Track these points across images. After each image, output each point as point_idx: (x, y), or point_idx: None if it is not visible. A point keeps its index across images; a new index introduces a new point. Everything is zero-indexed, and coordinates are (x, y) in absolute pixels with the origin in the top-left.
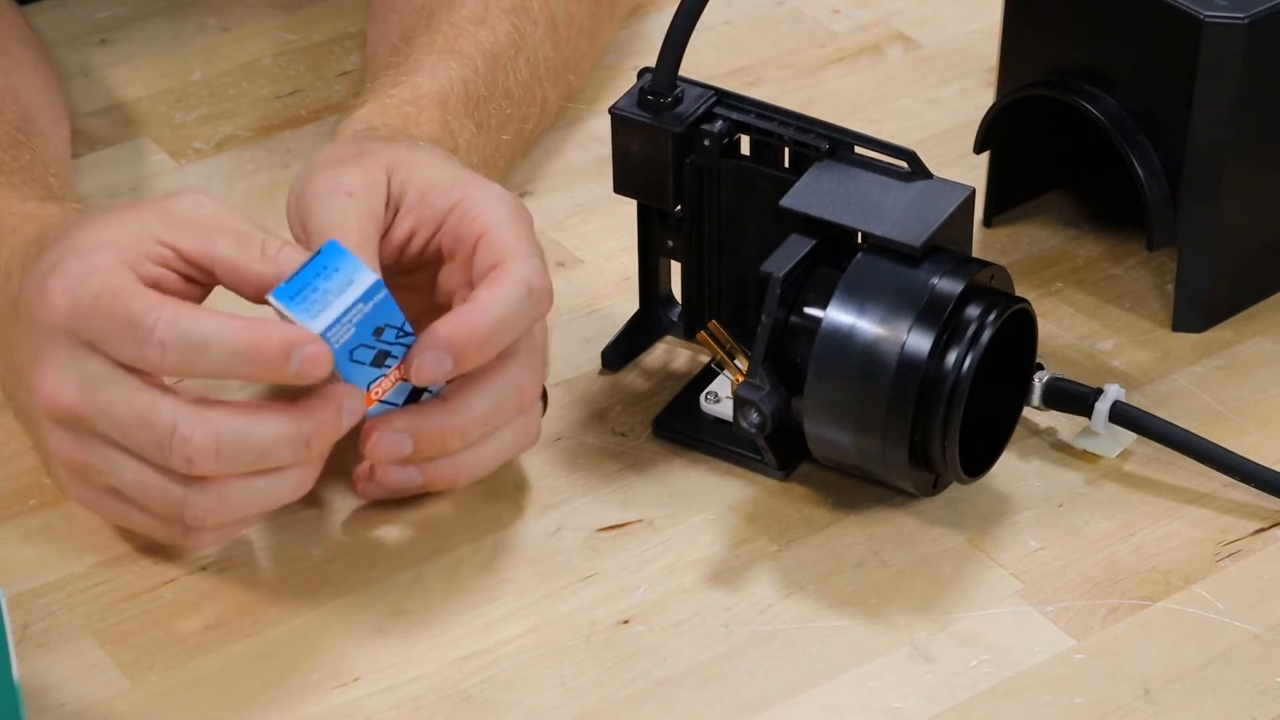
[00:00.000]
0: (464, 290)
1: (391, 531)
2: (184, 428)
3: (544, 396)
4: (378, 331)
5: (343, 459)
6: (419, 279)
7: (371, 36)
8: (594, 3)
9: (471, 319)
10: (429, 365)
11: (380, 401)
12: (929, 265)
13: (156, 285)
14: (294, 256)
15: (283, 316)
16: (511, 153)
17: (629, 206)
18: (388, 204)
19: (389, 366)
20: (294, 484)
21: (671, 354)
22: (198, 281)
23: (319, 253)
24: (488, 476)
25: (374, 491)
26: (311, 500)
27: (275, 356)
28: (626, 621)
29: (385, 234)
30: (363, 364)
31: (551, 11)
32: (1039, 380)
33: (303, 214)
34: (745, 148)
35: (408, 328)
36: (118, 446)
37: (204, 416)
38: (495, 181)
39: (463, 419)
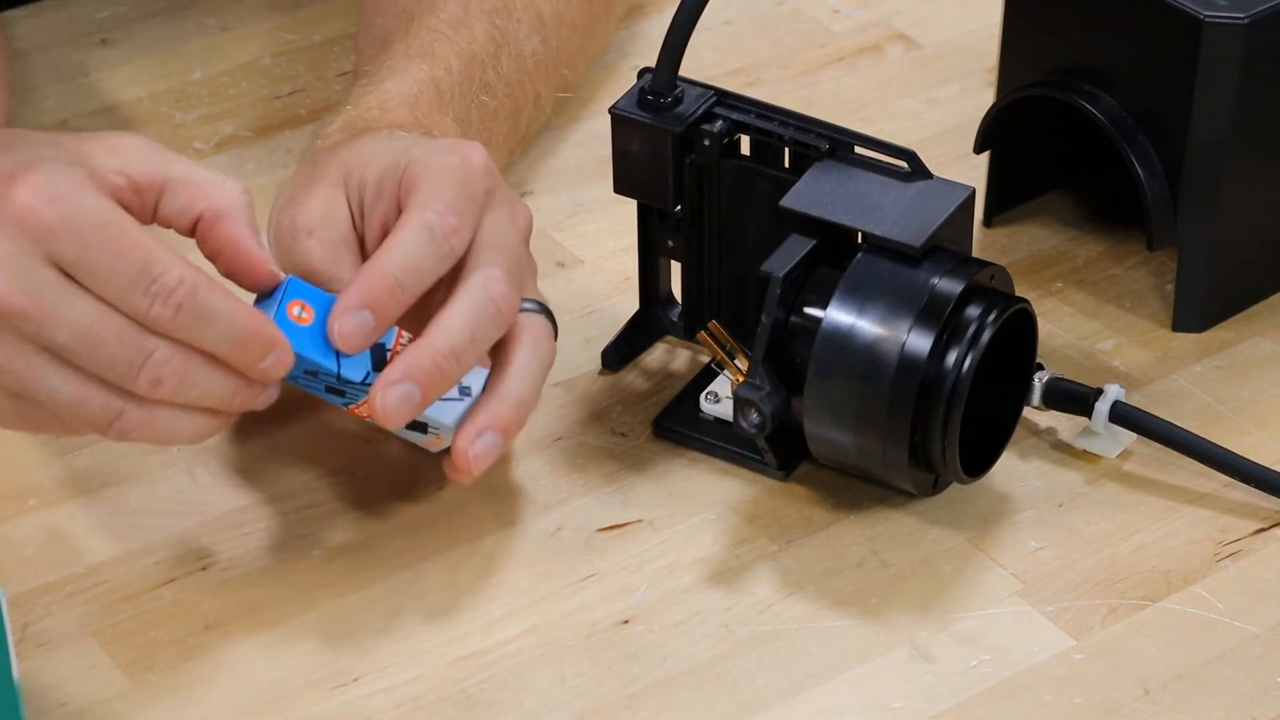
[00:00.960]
0: None
1: (391, 531)
2: (162, 353)
3: (547, 311)
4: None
5: (343, 460)
6: None
7: (359, 44)
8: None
9: (376, 269)
10: (350, 327)
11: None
12: (929, 265)
13: (120, 203)
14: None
15: None
16: (508, 148)
17: (629, 206)
18: (353, 212)
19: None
20: (239, 392)
21: (671, 354)
22: (148, 203)
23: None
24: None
25: (475, 465)
26: (311, 499)
27: (259, 348)
28: (626, 621)
29: (364, 237)
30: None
31: (538, 9)
32: (1039, 380)
33: (278, 258)
34: (745, 148)
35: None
36: (57, 360)
37: (177, 345)
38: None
39: (448, 340)
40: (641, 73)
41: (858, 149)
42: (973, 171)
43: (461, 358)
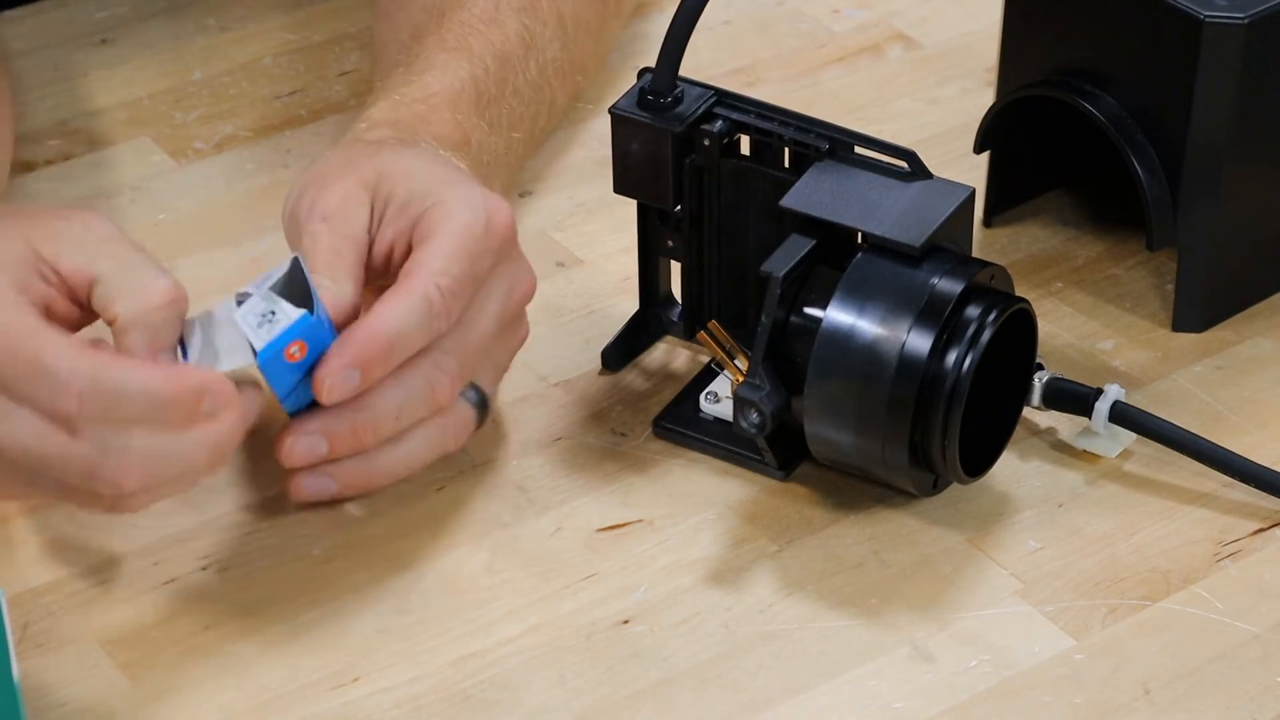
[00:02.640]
0: None
1: (391, 531)
2: (111, 457)
3: (483, 404)
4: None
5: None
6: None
7: (380, 34)
8: (601, 3)
9: (372, 333)
10: (337, 383)
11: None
12: (929, 265)
13: (46, 309)
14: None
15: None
16: (522, 151)
17: (629, 206)
18: (372, 217)
19: None
20: (207, 444)
21: (671, 354)
22: (79, 305)
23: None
24: (496, 468)
25: (298, 496)
26: (311, 500)
27: (187, 402)
28: (626, 621)
29: (372, 245)
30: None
31: (560, 11)
32: (1039, 380)
33: (291, 235)
34: (745, 148)
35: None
36: (23, 459)
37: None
38: (502, 180)
39: (374, 414)
40: (641, 73)
41: (858, 149)
42: (973, 171)
43: (379, 433)
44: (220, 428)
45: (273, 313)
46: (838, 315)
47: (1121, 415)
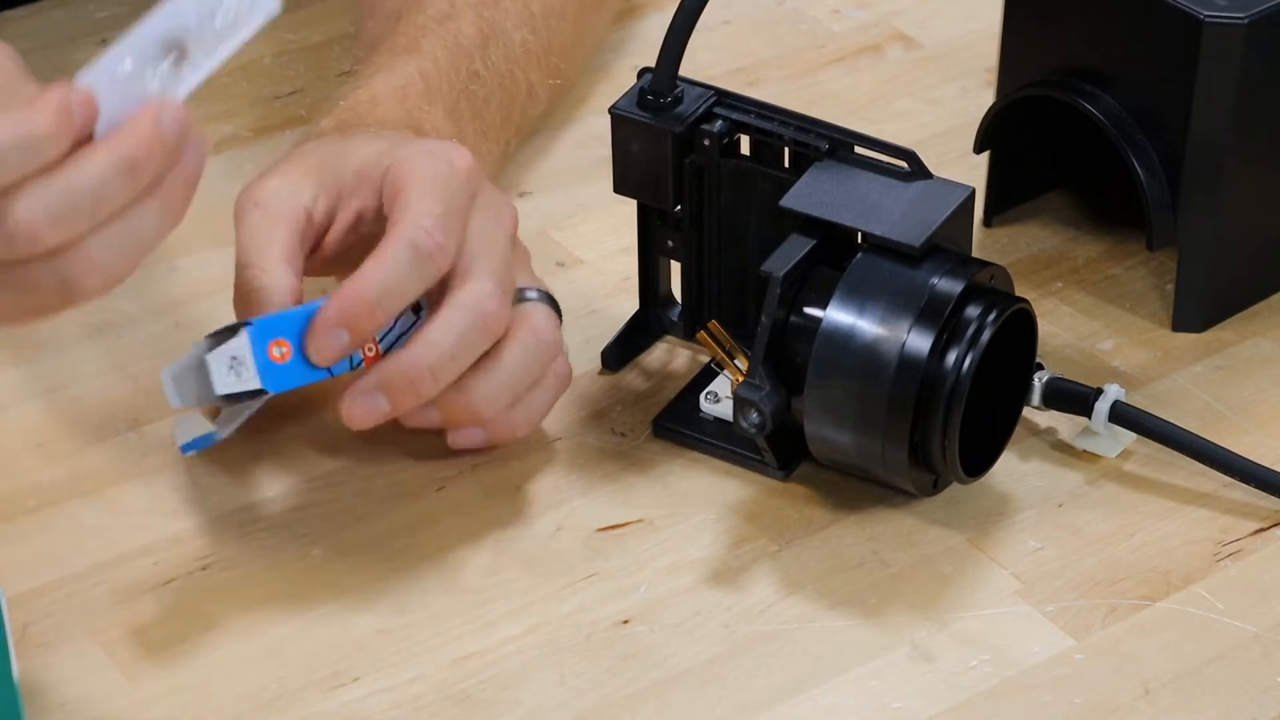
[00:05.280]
0: None
1: (392, 531)
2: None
3: (549, 298)
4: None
5: (343, 460)
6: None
7: (355, 48)
8: None
9: (356, 290)
10: (326, 344)
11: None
12: (929, 265)
13: None
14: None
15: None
16: (503, 136)
17: (629, 206)
18: (319, 198)
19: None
20: (156, 217)
21: (671, 354)
22: None
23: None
24: (496, 468)
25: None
26: (311, 499)
27: (56, 123)
28: (626, 621)
29: (329, 227)
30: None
31: (526, 1)
32: (1039, 380)
33: (236, 231)
34: (745, 148)
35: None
36: None
37: (24, 196)
38: (488, 167)
39: (427, 356)
40: (641, 73)
41: (858, 149)
42: (973, 171)
43: (439, 376)
44: (114, 149)
45: (234, 358)
46: (838, 315)
47: (1121, 415)
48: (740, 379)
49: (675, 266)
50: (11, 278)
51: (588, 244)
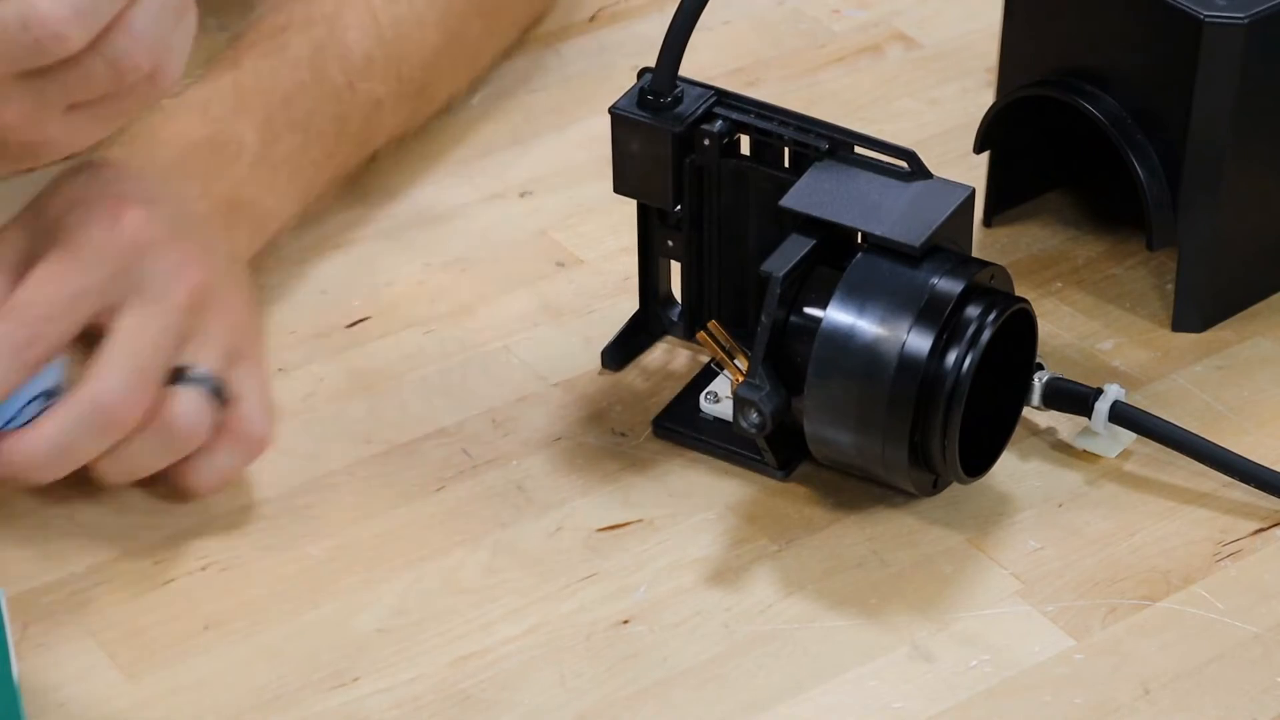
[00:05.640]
0: None
1: (391, 531)
2: None
3: (217, 390)
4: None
5: (343, 460)
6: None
7: None
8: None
9: (27, 446)
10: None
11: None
12: (929, 265)
13: None
14: None
15: None
16: (341, 150)
17: (629, 206)
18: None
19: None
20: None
21: (671, 354)
22: None
23: None
24: (495, 467)
25: None
26: (311, 499)
27: None
28: (626, 621)
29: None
30: None
31: (374, 13)
32: (1039, 380)
33: None
34: (745, 148)
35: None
36: None
37: None
38: (305, 176)
39: (31, 448)
40: (641, 73)
41: (858, 149)
42: (973, 171)
43: (42, 471)
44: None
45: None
46: (838, 315)
47: (1121, 415)
48: (740, 379)
49: (675, 266)
50: (65, 83)
51: (588, 244)
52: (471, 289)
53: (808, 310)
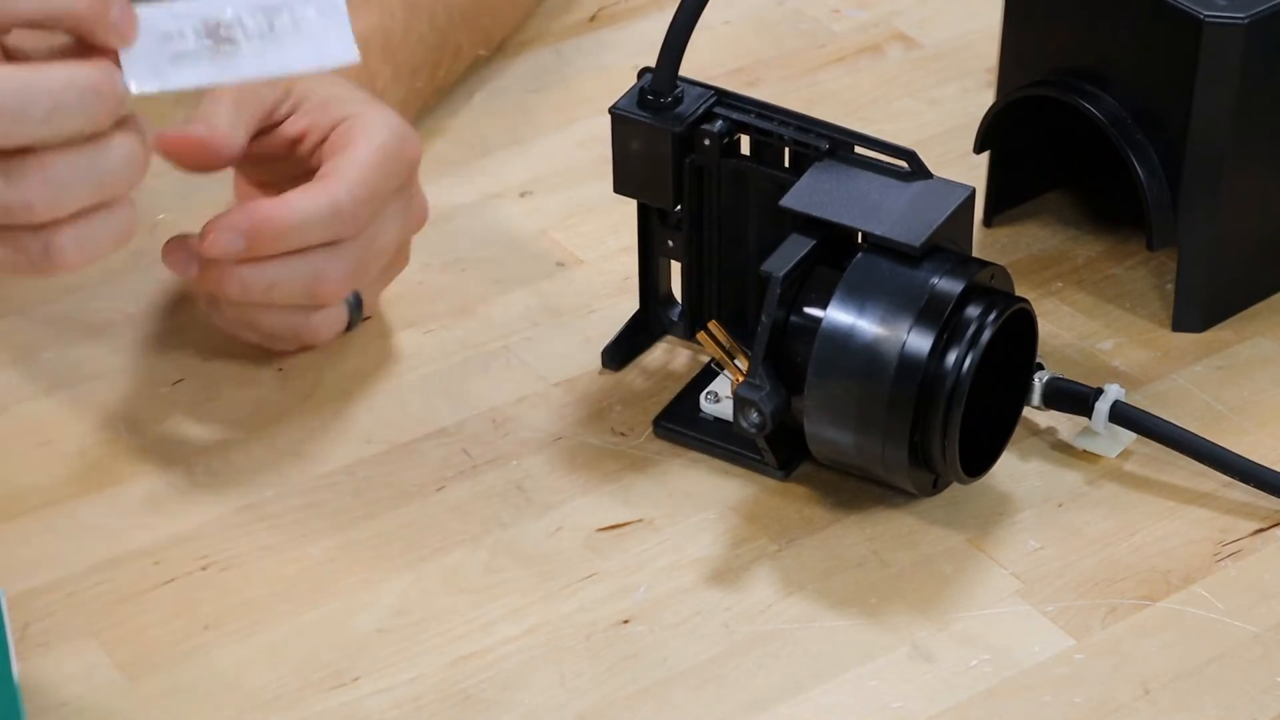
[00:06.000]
0: None
1: (391, 531)
2: (19, 188)
3: (358, 306)
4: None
5: (343, 459)
6: (304, 168)
7: None
8: None
9: (272, 214)
10: (223, 242)
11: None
12: (929, 265)
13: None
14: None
15: None
16: (423, 98)
17: (629, 206)
18: (288, 103)
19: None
20: (119, 153)
21: (671, 354)
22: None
23: None
24: (495, 467)
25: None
26: (311, 499)
27: (105, 98)
28: (626, 621)
29: (279, 125)
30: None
31: None
32: (1039, 380)
33: None
34: (745, 148)
35: None
36: None
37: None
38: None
39: (252, 273)
40: (641, 73)
41: (858, 149)
42: (973, 171)
43: (246, 291)
44: (130, 135)
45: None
46: (838, 315)
47: (1121, 415)
48: (740, 379)
49: (675, 266)
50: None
51: (588, 244)
52: (471, 289)
53: (808, 310)
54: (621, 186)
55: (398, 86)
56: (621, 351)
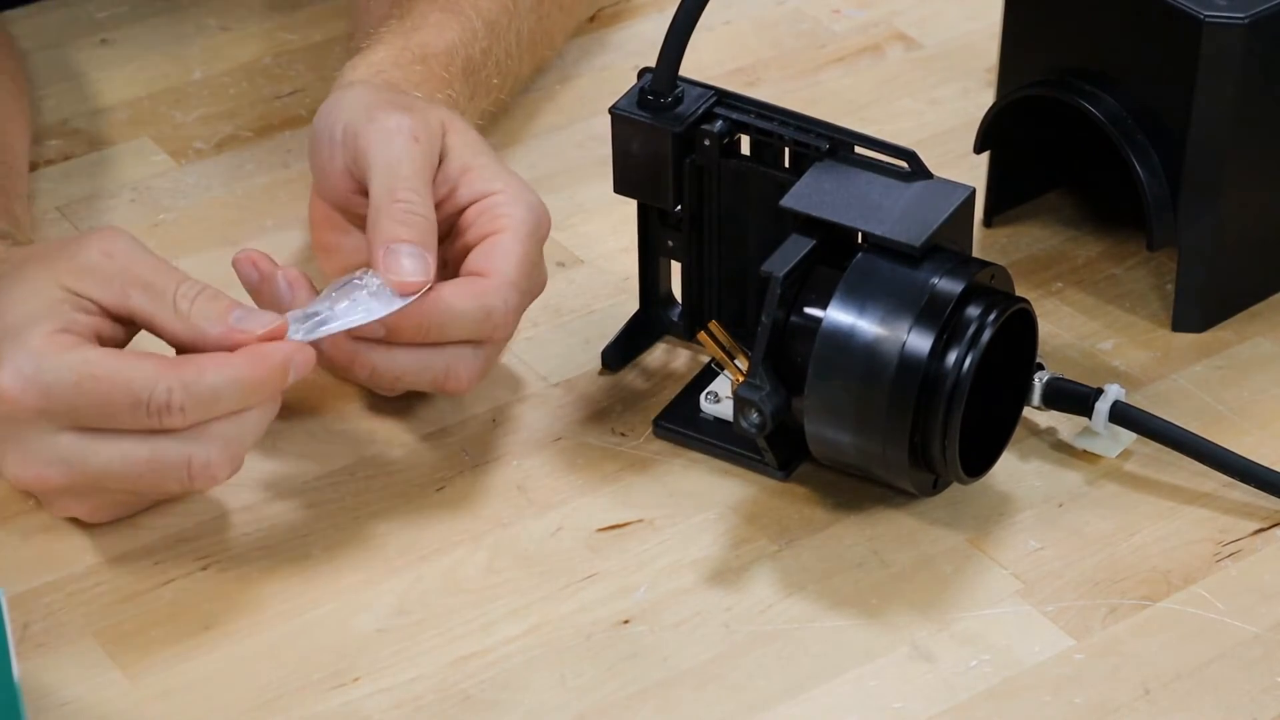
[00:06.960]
0: (453, 264)
1: (391, 531)
2: (199, 453)
3: None
4: None
5: (343, 460)
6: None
7: (351, 40)
8: None
9: (422, 309)
10: (367, 332)
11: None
12: (929, 265)
13: (98, 337)
14: (207, 308)
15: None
16: (484, 122)
17: (629, 206)
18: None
19: None
20: (271, 406)
21: (671, 354)
22: (123, 323)
23: None
24: (495, 467)
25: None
26: (312, 499)
27: (277, 379)
28: (626, 621)
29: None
30: None
31: None
32: (1039, 380)
33: (364, 148)
34: (745, 148)
35: None
36: (116, 484)
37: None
38: None
39: (382, 362)
40: (641, 73)
41: (858, 149)
42: (973, 171)
43: (375, 380)
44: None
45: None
46: (838, 315)
47: (1121, 415)
48: (740, 379)
49: (675, 266)
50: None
51: (588, 244)
52: None
53: (808, 310)
54: (621, 186)
55: (472, 108)
56: (621, 352)
